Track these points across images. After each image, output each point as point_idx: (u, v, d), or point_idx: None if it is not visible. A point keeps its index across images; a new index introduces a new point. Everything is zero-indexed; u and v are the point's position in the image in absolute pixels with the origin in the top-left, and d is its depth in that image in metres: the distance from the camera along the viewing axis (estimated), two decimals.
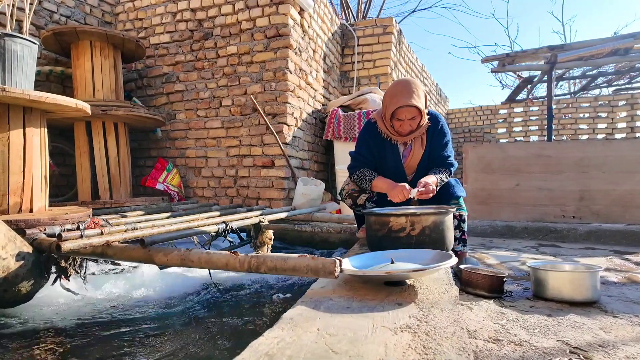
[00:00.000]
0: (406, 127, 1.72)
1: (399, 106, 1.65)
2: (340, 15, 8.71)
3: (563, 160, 3.67)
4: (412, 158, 1.83)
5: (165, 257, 1.38)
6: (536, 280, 1.45)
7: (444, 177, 1.78)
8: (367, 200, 1.86)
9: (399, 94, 1.66)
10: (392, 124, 1.74)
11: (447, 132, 1.84)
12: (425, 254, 1.29)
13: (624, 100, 6.92)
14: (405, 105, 1.65)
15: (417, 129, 1.74)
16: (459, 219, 1.86)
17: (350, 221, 2.66)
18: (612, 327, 1.15)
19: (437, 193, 1.80)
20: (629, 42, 4.55)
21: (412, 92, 1.66)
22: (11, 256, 1.41)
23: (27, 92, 1.88)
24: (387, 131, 1.78)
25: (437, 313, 0.90)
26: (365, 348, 0.71)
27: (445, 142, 1.82)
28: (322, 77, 4.16)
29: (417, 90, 1.67)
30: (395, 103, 1.66)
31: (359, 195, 1.85)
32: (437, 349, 0.71)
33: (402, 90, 1.67)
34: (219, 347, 1.26)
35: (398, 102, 1.65)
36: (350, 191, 1.87)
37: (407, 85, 1.68)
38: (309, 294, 1.08)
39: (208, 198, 3.69)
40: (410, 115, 1.68)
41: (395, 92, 1.68)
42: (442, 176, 1.77)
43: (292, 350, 0.70)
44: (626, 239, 2.86)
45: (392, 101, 1.68)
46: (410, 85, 1.68)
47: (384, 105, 1.76)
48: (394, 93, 1.69)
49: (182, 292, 1.85)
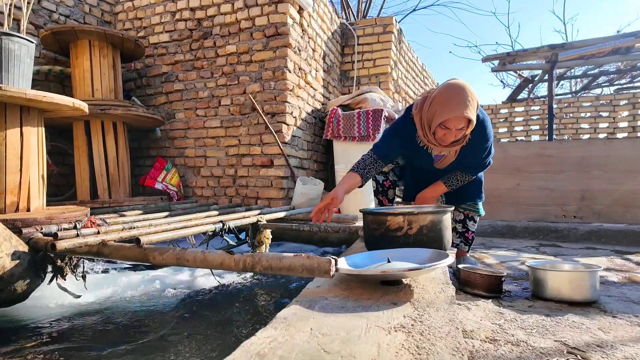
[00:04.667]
0: (450, 138, 1.55)
1: (450, 116, 1.47)
2: (340, 15, 8.70)
3: (564, 159, 3.65)
4: (444, 161, 1.74)
5: (160, 256, 1.38)
6: (535, 280, 1.44)
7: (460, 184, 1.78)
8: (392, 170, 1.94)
9: (452, 102, 1.47)
10: (435, 131, 1.56)
11: (490, 136, 1.68)
12: (422, 253, 1.28)
13: (625, 100, 6.89)
14: (460, 116, 1.47)
15: (461, 139, 1.58)
16: (466, 215, 1.85)
17: (349, 220, 2.65)
18: (611, 327, 1.13)
19: (456, 192, 1.82)
20: (631, 41, 4.52)
21: (468, 101, 1.47)
22: (7, 255, 1.40)
23: (24, 91, 1.88)
24: (426, 140, 1.61)
25: (432, 313, 0.89)
26: (357, 348, 0.70)
27: (486, 147, 1.68)
28: (321, 77, 4.15)
29: (472, 99, 1.48)
30: (447, 112, 1.48)
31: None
32: (431, 349, 0.70)
33: (456, 97, 1.48)
34: (212, 347, 1.25)
35: (451, 111, 1.47)
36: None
37: (462, 93, 1.48)
38: (304, 293, 1.07)
39: (207, 197, 3.69)
40: (460, 125, 1.50)
41: (447, 100, 1.49)
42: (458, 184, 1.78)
43: (283, 350, 0.69)
44: (627, 238, 2.85)
45: (444, 109, 1.48)
46: (466, 92, 1.48)
47: (429, 111, 1.55)
48: (446, 100, 1.49)
49: (178, 292, 1.84)
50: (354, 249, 1.79)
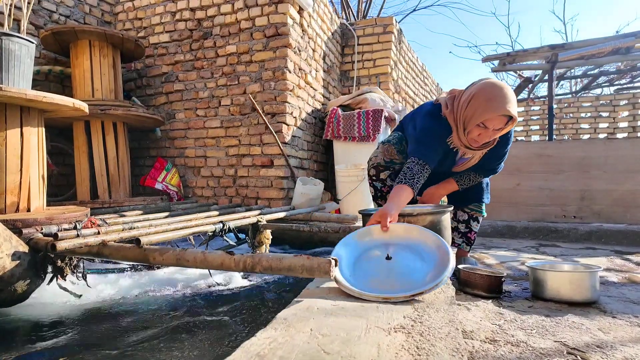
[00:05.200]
0: (485, 138, 1.48)
1: (495, 114, 1.39)
2: (340, 15, 8.70)
3: (564, 159, 3.66)
4: (466, 164, 1.70)
5: (160, 256, 1.38)
6: (535, 280, 1.44)
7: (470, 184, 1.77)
8: (389, 177, 1.77)
9: (499, 99, 1.38)
10: (470, 130, 1.47)
11: (511, 141, 1.63)
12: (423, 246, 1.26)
13: (625, 100, 6.89)
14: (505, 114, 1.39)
15: (491, 142, 1.53)
16: (470, 215, 1.84)
17: (349, 220, 2.65)
18: (610, 327, 1.13)
19: (463, 192, 1.80)
20: (631, 41, 4.52)
21: (512, 98, 1.40)
22: (7, 255, 1.41)
23: (24, 91, 1.88)
24: (458, 141, 1.53)
25: (432, 313, 0.89)
26: (357, 349, 0.70)
27: (505, 152, 1.65)
28: (321, 77, 4.15)
29: (514, 98, 1.42)
30: (492, 110, 1.38)
31: (383, 170, 1.77)
32: (431, 350, 0.70)
33: (502, 94, 1.39)
34: (213, 347, 1.25)
35: (496, 109, 1.38)
36: (376, 163, 1.77)
37: (506, 90, 1.40)
38: (304, 293, 1.07)
39: (207, 198, 3.69)
40: (499, 125, 1.43)
41: (493, 96, 1.39)
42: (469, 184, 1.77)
43: (283, 351, 0.69)
44: (627, 239, 2.85)
45: (488, 107, 1.39)
46: (509, 90, 1.41)
47: (468, 109, 1.45)
48: (492, 96, 1.39)
49: (177, 292, 1.84)
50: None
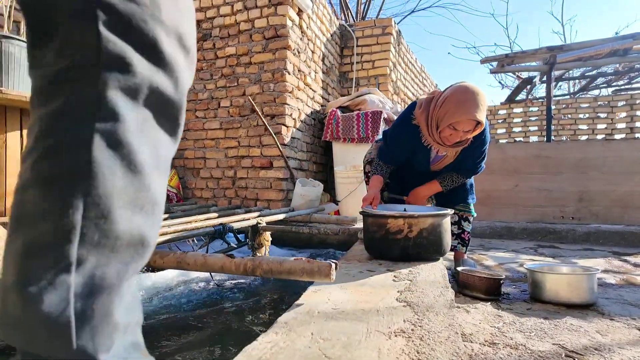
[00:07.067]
0: (456, 139, 1.59)
1: (462, 119, 1.50)
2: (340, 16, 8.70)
3: (562, 161, 3.67)
4: (441, 162, 1.79)
5: (161, 259, 1.38)
6: (533, 282, 1.45)
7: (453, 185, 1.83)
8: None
9: (468, 104, 1.50)
10: (442, 130, 1.58)
11: (488, 140, 1.73)
12: None
13: (623, 101, 6.92)
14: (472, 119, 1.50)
15: (464, 141, 1.64)
16: (460, 216, 1.87)
17: (349, 222, 2.66)
18: (608, 330, 1.14)
19: (448, 193, 1.85)
20: (629, 43, 4.54)
21: (481, 105, 1.51)
22: None
23: (24, 94, 1.88)
24: (430, 138, 1.65)
25: (432, 317, 0.90)
26: (358, 353, 0.70)
27: (482, 151, 1.73)
28: (321, 78, 4.16)
29: (484, 105, 1.52)
30: (460, 114, 1.50)
31: None
32: (431, 354, 0.71)
33: (471, 99, 1.50)
34: (213, 351, 1.26)
35: (463, 113, 1.50)
36: (371, 159, 1.94)
37: (477, 95, 1.51)
38: (304, 297, 1.07)
39: (207, 199, 3.69)
40: (468, 127, 1.54)
41: (463, 100, 1.51)
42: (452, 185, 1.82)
43: (284, 356, 0.70)
44: (625, 240, 2.86)
45: (457, 110, 1.51)
46: (479, 96, 1.52)
47: (441, 110, 1.56)
48: (462, 101, 1.51)
49: (177, 295, 1.84)
50: (354, 251, 1.79)
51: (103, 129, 0.43)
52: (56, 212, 0.42)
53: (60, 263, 0.42)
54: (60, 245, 0.42)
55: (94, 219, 0.43)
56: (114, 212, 0.44)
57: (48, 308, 0.40)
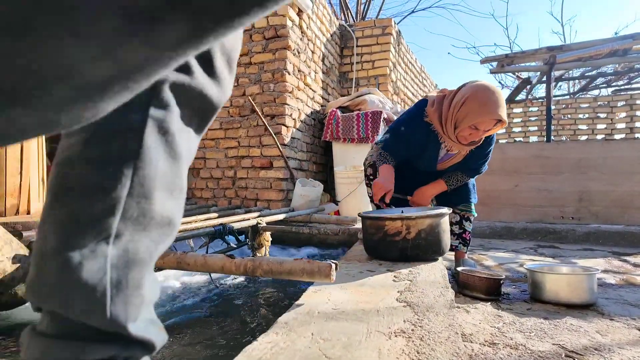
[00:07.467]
0: (475, 138, 1.59)
1: (487, 118, 1.50)
2: (339, 16, 8.71)
3: (562, 161, 3.67)
4: (449, 162, 1.78)
5: (161, 260, 1.38)
6: (533, 282, 1.45)
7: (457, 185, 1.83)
8: None
9: (490, 103, 1.49)
10: (461, 130, 1.57)
11: (494, 142, 1.74)
12: None
13: (623, 101, 6.93)
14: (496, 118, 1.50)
15: (479, 141, 1.63)
16: (461, 216, 1.87)
17: (349, 222, 2.66)
18: (608, 330, 1.14)
19: (450, 193, 1.85)
20: (628, 43, 4.55)
21: (502, 103, 1.51)
22: (7, 259, 1.41)
23: None
24: (447, 136, 1.63)
25: (432, 317, 0.90)
26: (358, 353, 0.70)
27: (488, 152, 1.75)
28: (320, 78, 4.16)
29: (504, 102, 1.53)
30: (485, 114, 1.50)
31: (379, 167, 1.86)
32: (431, 354, 0.71)
33: (494, 99, 1.50)
34: (213, 352, 1.26)
35: (489, 113, 1.49)
36: (372, 162, 1.87)
37: (498, 95, 1.52)
38: (304, 297, 1.07)
39: (207, 199, 3.69)
40: (490, 127, 1.54)
41: (486, 100, 1.50)
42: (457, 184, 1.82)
43: (285, 356, 0.70)
44: (625, 240, 2.86)
45: (482, 110, 1.50)
46: (500, 94, 1.53)
47: (462, 110, 1.54)
48: (485, 100, 1.50)
49: (176, 295, 1.84)
50: (354, 252, 1.80)
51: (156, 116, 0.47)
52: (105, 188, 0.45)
53: (101, 234, 0.45)
54: (105, 217, 0.45)
55: (136, 197, 0.46)
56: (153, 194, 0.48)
57: (88, 275, 0.43)
